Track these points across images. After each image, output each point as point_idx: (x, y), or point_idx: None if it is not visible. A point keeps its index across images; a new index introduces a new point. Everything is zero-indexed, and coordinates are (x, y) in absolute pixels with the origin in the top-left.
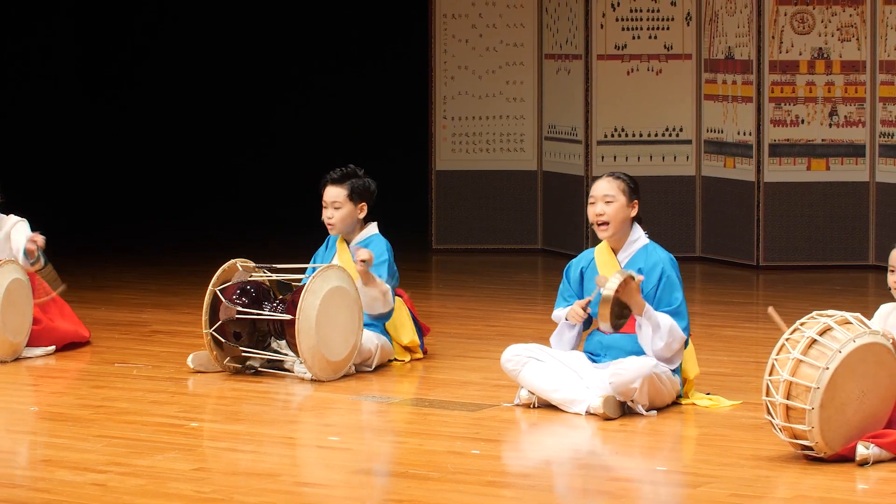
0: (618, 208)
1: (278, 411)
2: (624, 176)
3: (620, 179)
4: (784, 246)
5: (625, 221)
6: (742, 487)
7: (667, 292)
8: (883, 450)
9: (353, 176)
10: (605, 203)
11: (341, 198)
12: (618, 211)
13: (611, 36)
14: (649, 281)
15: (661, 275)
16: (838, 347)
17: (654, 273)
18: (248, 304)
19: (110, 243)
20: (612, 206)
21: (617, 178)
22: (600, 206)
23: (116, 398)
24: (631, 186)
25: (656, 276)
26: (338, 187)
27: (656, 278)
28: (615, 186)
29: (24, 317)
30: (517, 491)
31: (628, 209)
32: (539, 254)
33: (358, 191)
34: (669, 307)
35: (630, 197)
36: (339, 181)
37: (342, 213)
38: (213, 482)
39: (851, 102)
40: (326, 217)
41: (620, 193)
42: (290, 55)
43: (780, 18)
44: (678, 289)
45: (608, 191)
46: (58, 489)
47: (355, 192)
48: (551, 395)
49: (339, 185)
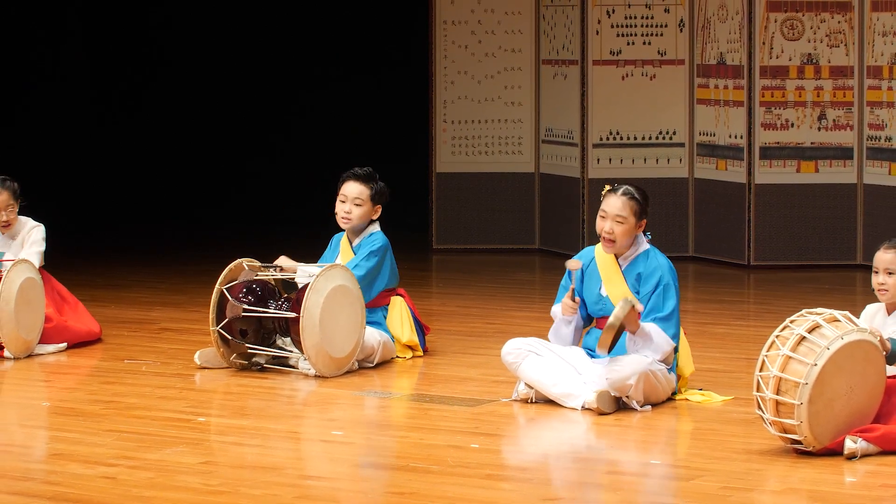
0: (627, 229)
1: (283, 406)
2: (638, 196)
3: (635, 200)
4: (774, 246)
5: (630, 237)
6: (733, 480)
7: (661, 299)
8: (870, 444)
9: (376, 178)
10: (615, 222)
11: (364, 196)
12: (626, 231)
13: (606, 42)
14: (646, 286)
15: (659, 282)
16: (827, 344)
17: (653, 279)
18: (254, 302)
19: (121, 243)
20: (621, 226)
21: (631, 198)
22: (609, 224)
23: (126, 394)
24: (643, 206)
25: (654, 282)
26: (363, 185)
27: (653, 284)
28: (628, 208)
29: (36, 315)
30: (515, 484)
31: (636, 228)
32: (536, 253)
33: (380, 193)
34: (660, 313)
35: (640, 217)
36: (364, 180)
37: (361, 211)
38: (219, 475)
39: (840, 106)
40: (344, 211)
41: (632, 215)
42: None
43: (770, 25)
44: (673, 297)
45: (621, 211)
46: (69, 482)
47: (377, 193)
48: (549, 389)
49: (365, 183)
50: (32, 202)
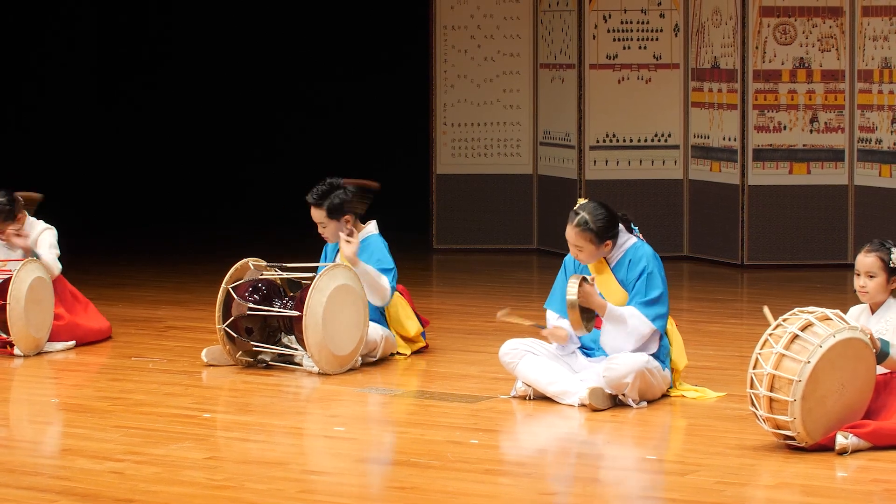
0: (589, 254)
1: (287, 403)
2: (592, 226)
3: (588, 231)
4: (767, 246)
5: (597, 254)
6: (727, 475)
7: (645, 285)
8: (861, 439)
9: (329, 194)
10: (576, 251)
11: (322, 217)
12: (589, 255)
13: (603, 46)
14: (632, 273)
15: (643, 270)
16: (819, 342)
17: (638, 266)
18: (259, 300)
19: (128, 243)
20: (583, 253)
21: (585, 230)
22: (574, 251)
23: (133, 390)
24: (598, 233)
25: (638, 270)
26: (317, 209)
27: (638, 272)
28: (582, 238)
29: (45, 313)
30: (513, 478)
31: (601, 250)
32: (534, 253)
33: (334, 208)
34: (643, 297)
35: (601, 239)
36: (316, 202)
37: (329, 231)
38: (224, 470)
39: (831, 109)
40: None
41: (588, 244)
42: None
43: (763, 30)
44: (658, 284)
45: (575, 241)
46: (77, 477)
47: (333, 209)
48: (546, 388)
49: (318, 207)
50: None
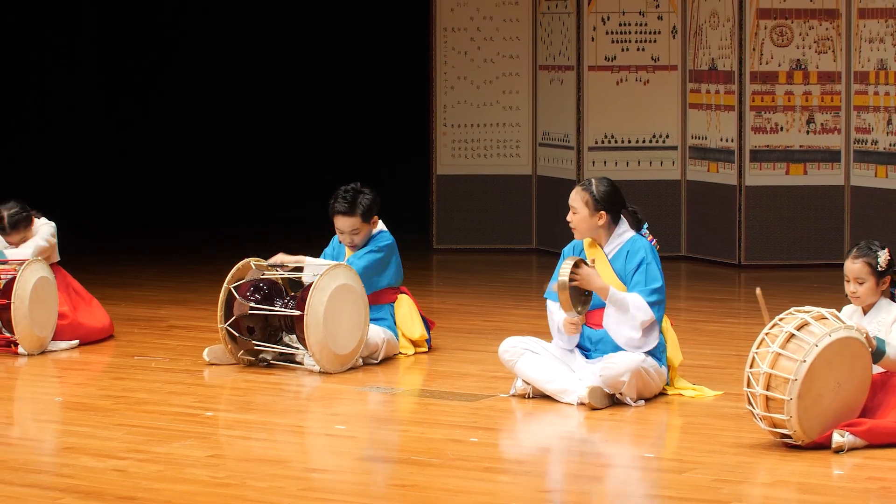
0: (581, 218)
1: (289, 401)
2: (593, 189)
3: (587, 192)
4: (764, 246)
5: (593, 228)
6: (724, 473)
7: (644, 275)
8: (857, 437)
9: (357, 199)
10: (572, 213)
11: (357, 224)
12: (581, 220)
13: (601, 48)
14: (630, 264)
15: (643, 260)
16: (815, 341)
17: (636, 257)
18: (261, 300)
19: (130, 243)
20: (576, 216)
21: (585, 189)
22: (570, 214)
23: (136, 389)
24: (596, 198)
25: (637, 260)
26: (350, 217)
27: (636, 263)
28: (579, 199)
29: (50, 313)
30: (513, 476)
31: (593, 219)
32: (533, 253)
33: (368, 211)
34: (647, 286)
35: (595, 209)
36: (349, 211)
37: (361, 238)
38: (226, 468)
39: (827, 111)
40: (346, 242)
41: (583, 206)
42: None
43: (760, 32)
44: (657, 276)
45: (572, 202)
46: (80, 475)
47: (366, 212)
48: (545, 386)
49: (351, 215)
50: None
